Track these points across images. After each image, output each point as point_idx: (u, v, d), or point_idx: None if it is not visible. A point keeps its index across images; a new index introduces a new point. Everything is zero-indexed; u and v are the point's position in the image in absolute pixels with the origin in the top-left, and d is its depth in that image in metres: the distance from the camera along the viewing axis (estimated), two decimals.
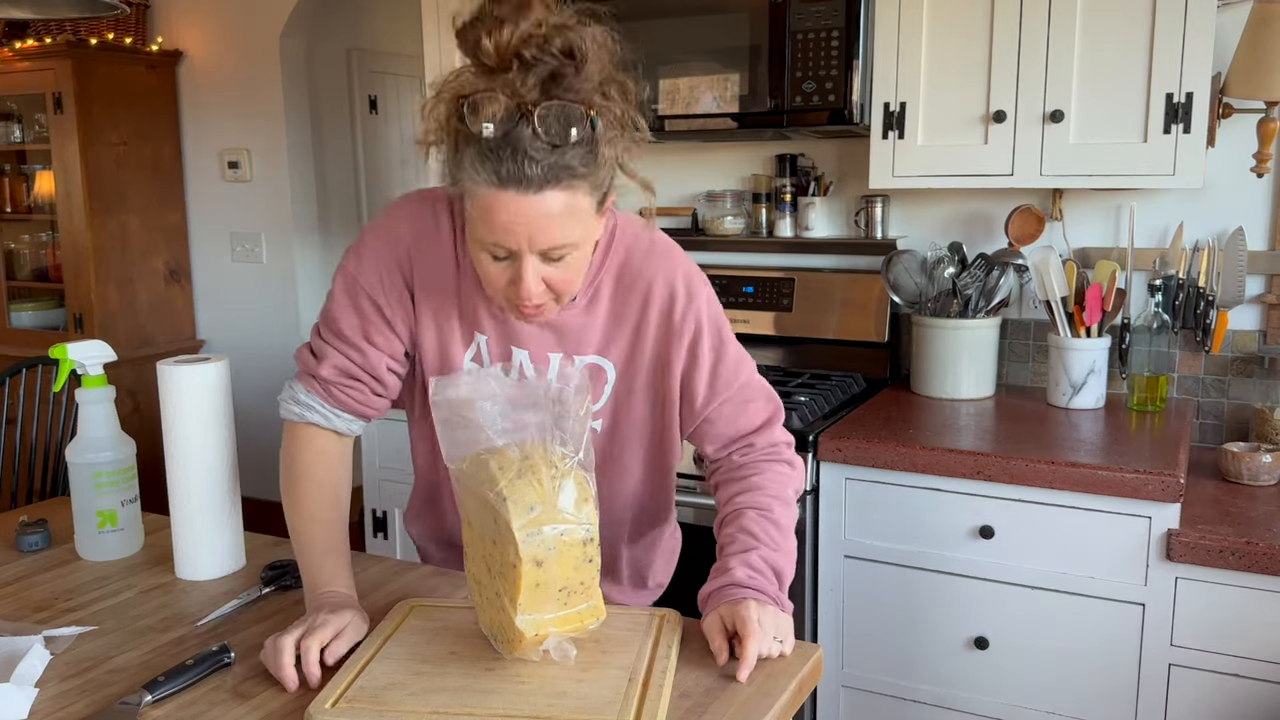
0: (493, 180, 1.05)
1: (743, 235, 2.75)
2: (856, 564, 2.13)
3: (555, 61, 1.05)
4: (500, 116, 1.04)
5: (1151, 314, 2.30)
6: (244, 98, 4.00)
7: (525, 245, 1.09)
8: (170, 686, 1.10)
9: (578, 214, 1.10)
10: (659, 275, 1.29)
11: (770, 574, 1.23)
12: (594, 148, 1.08)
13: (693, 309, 1.30)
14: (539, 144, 1.04)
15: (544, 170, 1.05)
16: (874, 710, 2.16)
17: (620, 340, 1.31)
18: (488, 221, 1.08)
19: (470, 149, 1.06)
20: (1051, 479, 1.91)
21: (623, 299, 1.29)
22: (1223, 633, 1.82)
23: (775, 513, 1.28)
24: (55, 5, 1.77)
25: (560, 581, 1.05)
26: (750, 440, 1.35)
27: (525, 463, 1.05)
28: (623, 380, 1.32)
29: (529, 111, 1.04)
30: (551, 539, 1.04)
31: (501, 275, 1.14)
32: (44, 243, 4.24)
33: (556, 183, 1.06)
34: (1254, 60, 2.02)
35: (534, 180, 1.05)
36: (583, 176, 1.08)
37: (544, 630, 1.06)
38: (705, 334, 1.31)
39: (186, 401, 1.40)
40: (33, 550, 1.55)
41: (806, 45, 2.27)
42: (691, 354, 1.31)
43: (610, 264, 1.29)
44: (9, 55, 3.83)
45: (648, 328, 1.30)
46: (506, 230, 1.08)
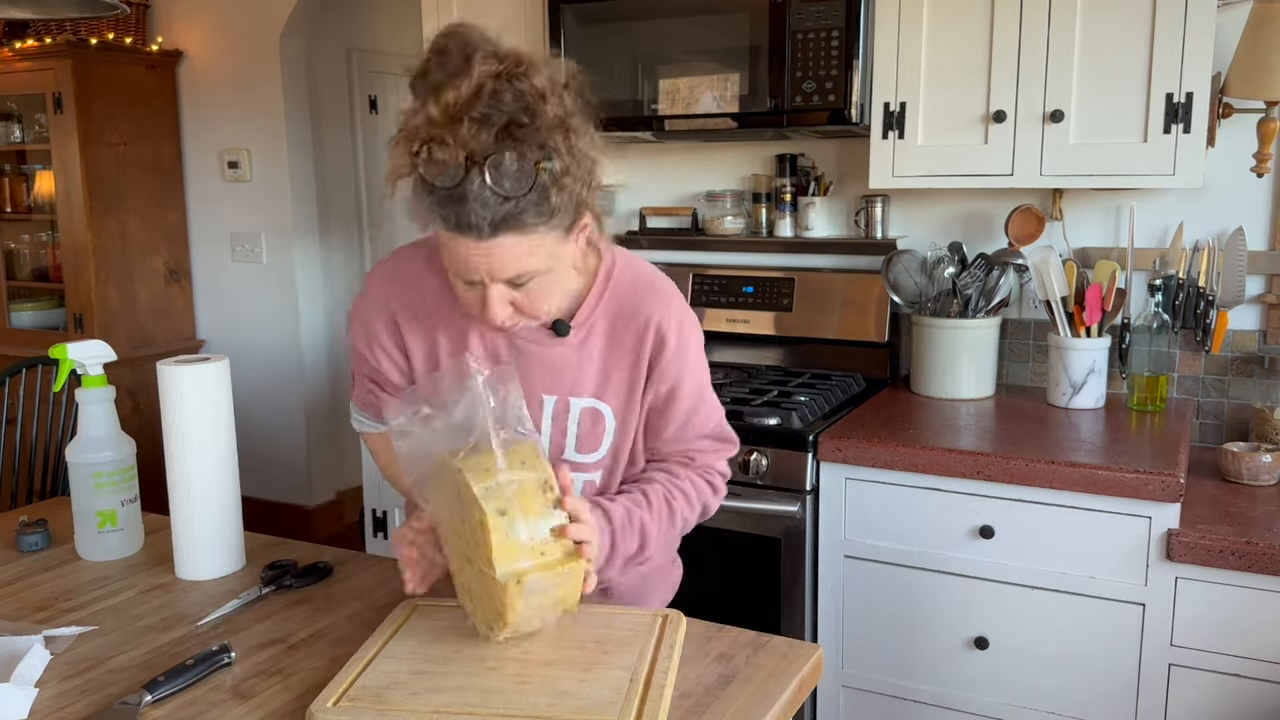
0: (448, 225, 1.09)
1: (743, 235, 2.75)
2: (856, 564, 2.13)
3: (507, 114, 1.05)
4: (451, 166, 1.05)
5: (1151, 314, 2.30)
6: (244, 98, 4.00)
7: (486, 278, 1.14)
8: (170, 686, 1.10)
9: (537, 250, 1.12)
10: (654, 316, 1.31)
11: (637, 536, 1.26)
12: (546, 193, 1.08)
13: (681, 355, 1.33)
14: (487, 195, 1.06)
15: (494, 218, 1.07)
16: (874, 710, 2.16)
17: (616, 381, 1.32)
18: (450, 254, 1.14)
19: (425, 194, 1.09)
20: (1051, 479, 1.91)
21: (618, 338, 1.31)
22: (1223, 633, 1.82)
23: (677, 502, 1.32)
24: (55, 5, 1.77)
25: (529, 532, 1.08)
26: (692, 456, 1.39)
27: (473, 448, 1.10)
28: (621, 425, 1.34)
29: (479, 163, 1.05)
30: (508, 488, 1.08)
31: (474, 298, 1.18)
32: (44, 243, 4.24)
33: (508, 229, 1.08)
34: (1254, 60, 2.02)
35: (484, 228, 1.07)
36: (533, 225, 1.09)
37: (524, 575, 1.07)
38: (686, 382, 1.34)
39: (186, 401, 1.40)
40: (33, 550, 1.55)
41: (806, 45, 2.27)
42: (671, 395, 1.33)
43: (607, 302, 1.31)
44: (9, 55, 3.83)
45: (640, 367, 1.32)
46: (467, 265, 1.13)
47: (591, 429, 1.32)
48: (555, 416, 1.31)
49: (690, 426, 1.36)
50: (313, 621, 1.30)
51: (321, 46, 4.13)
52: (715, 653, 1.19)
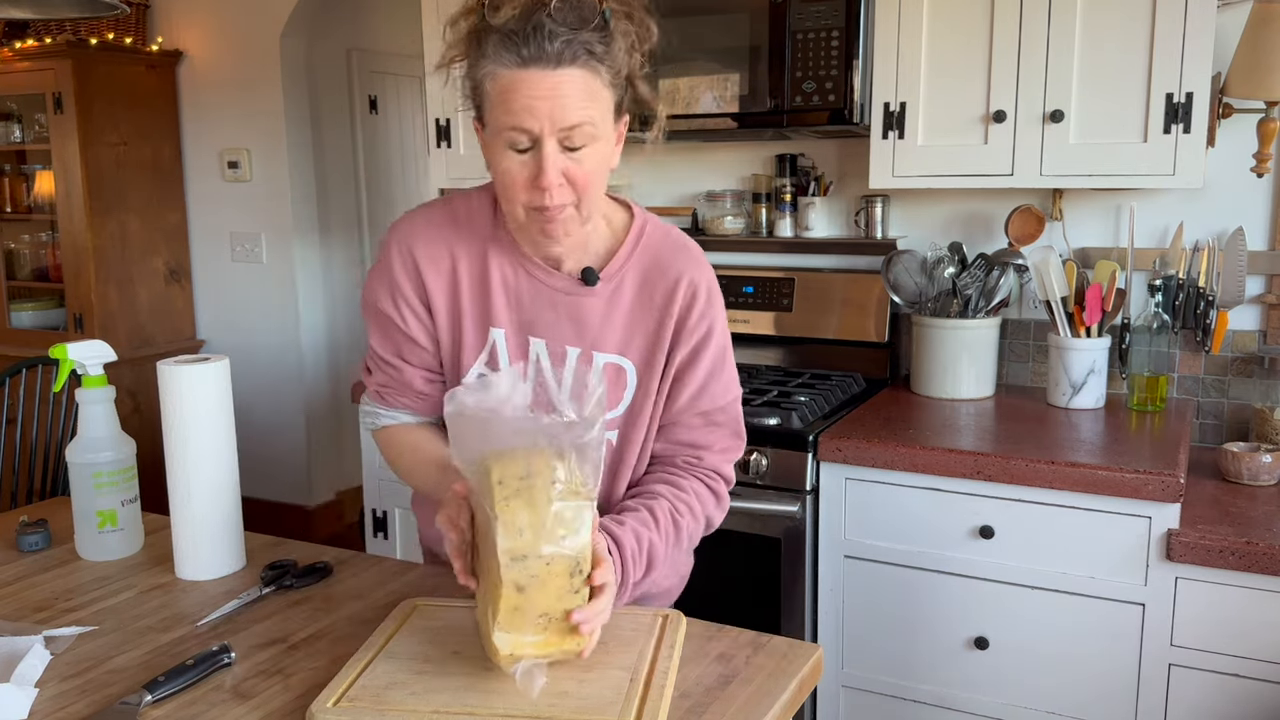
0: (516, 60, 1.11)
1: (743, 235, 2.75)
2: (856, 564, 2.13)
3: None
4: (519, 8, 1.10)
5: (1151, 314, 2.30)
6: (244, 98, 4.00)
7: (546, 125, 1.12)
8: (170, 686, 1.10)
9: (596, 97, 1.14)
10: (685, 274, 1.31)
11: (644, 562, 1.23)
12: (608, 34, 1.13)
13: (708, 316, 1.32)
14: (558, 27, 1.10)
15: (562, 46, 1.10)
16: (874, 710, 2.16)
17: (639, 338, 1.31)
18: (509, 103, 1.12)
19: (492, 38, 1.12)
20: (1051, 479, 1.91)
21: (647, 294, 1.30)
22: (1223, 633, 1.82)
23: (683, 518, 1.29)
24: (55, 5, 1.77)
25: (541, 609, 1.03)
26: (700, 454, 1.35)
27: (524, 481, 1.01)
28: (641, 384, 1.32)
29: (546, 2, 1.10)
30: (536, 567, 1.01)
31: (521, 172, 1.15)
32: (44, 243, 4.24)
33: (574, 60, 1.11)
34: (1254, 60, 2.02)
35: (553, 56, 1.10)
36: (600, 58, 1.13)
37: (520, 652, 1.03)
38: (712, 344, 1.32)
39: (187, 401, 1.40)
40: (33, 550, 1.55)
41: (806, 45, 2.27)
42: (693, 356, 1.31)
43: (637, 258, 1.30)
44: (9, 55, 3.83)
45: (667, 326, 1.30)
46: (528, 109, 1.11)
47: (613, 385, 1.30)
48: (577, 370, 1.29)
49: (706, 393, 1.32)
50: (313, 621, 1.30)
51: (321, 46, 4.13)
52: (715, 653, 1.19)
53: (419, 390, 1.36)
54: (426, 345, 1.33)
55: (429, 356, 1.34)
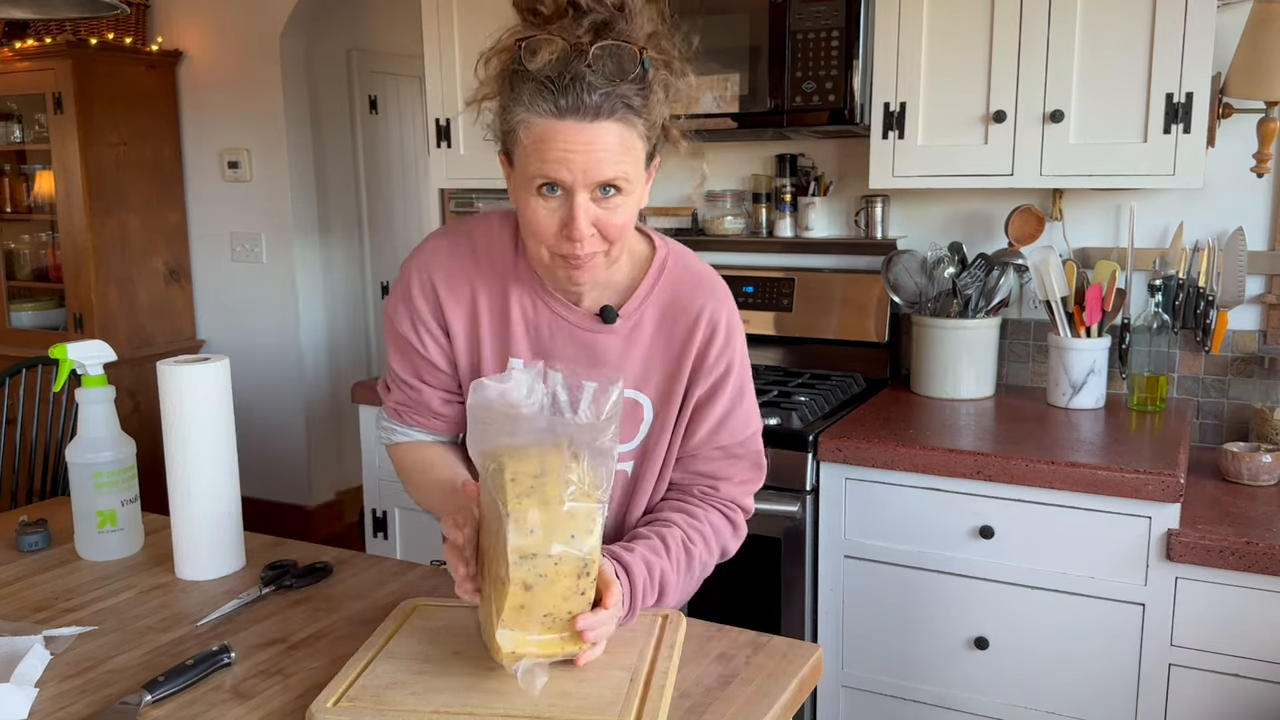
0: (551, 111, 1.08)
1: (743, 235, 2.75)
2: (856, 564, 2.13)
3: (606, 11, 1.10)
4: (557, 55, 1.08)
5: (1151, 314, 2.30)
6: (244, 98, 4.01)
7: (579, 177, 1.10)
8: (170, 686, 1.10)
9: (631, 150, 1.12)
10: (705, 310, 1.29)
11: (655, 590, 1.22)
12: (646, 87, 1.11)
13: (729, 351, 1.31)
14: (596, 79, 1.08)
15: (600, 99, 1.08)
16: (874, 710, 2.16)
17: (657, 375, 1.30)
18: (543, 154, 1.10)
19: (528, 85, 1.09)
20: (1051, 479, 1.91)
21: (666, 331, 1.29)
22: (1223, 633, 1.82)
23: (695, 547, 1.28)
24: (55, 5, 1.77)
25: (546, 609, 1.03)
26: (718, 485, 1.34)
27: (537, 480, 1.02)
28: (657, 419, 1.31)
29: (584, 49, 1.08)
30: (544, 566, 1.01)
31: (551, 218, 1.14)
32: (44, 243, 4.24)
33: (612, 113, 1.09)
34: (1254, 60, 2.02)
35: (590, 109, 1.08)
36: (637, 111, 1.11)
37: (522, 649, 1.04)
38: (731, 380, 1.31)
39: (186, 401, 1.40)
40: (33, 550, 1.55)
41: (806, 45, 2.27)
42: (713, 392, 1.30)
43: (658, 295, 1.29)
44: (9, 55, 3.83)
45: (685, 363, 1.29)
46: (562, 161, 1.09)
47: (628, 420, 1.29)
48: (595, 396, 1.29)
49: (725, 427, 1.32)
50: (313, 621, 1.30)
51: (321, 46, 4.13)
52: (715, 653, 1.19)
53: (436, 410, 1.36)
54: (445, 369, 1.33)
55: (447, 379, 1.34)
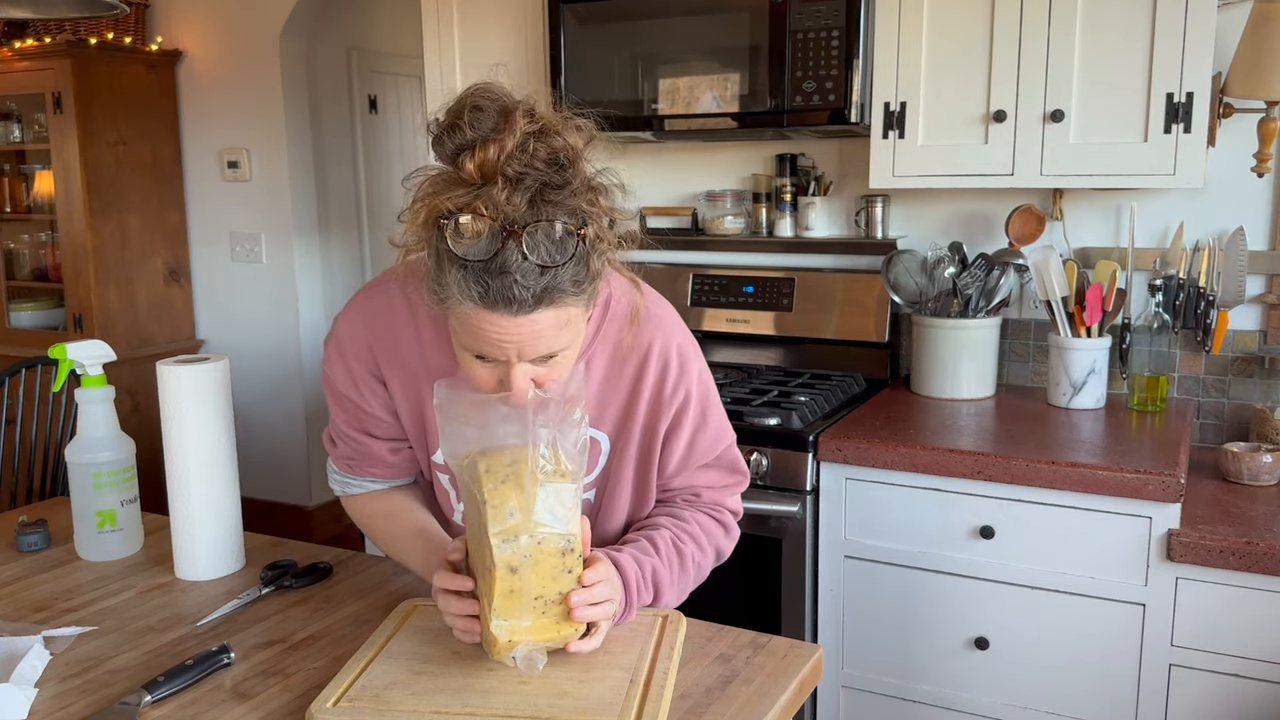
0: (479, 303, 1.01)
1: (743, 235, 2.75)
2: (856, 564, 2.13)
3: (542, 175, 1.01)
4: (485, 237, 0.98)
5: (1152, 314, 2.30)
6: (244, 98, 4.00)
7: (514, 356, 1.06)
8: (170, 686, 1.10)
9: (569, 324, 1.07)
10: (655, 346, 1.27)
11: (650, 588, 1.22)
12: (585, 261, 1.03)
13: (684, 381, 1.28)
14: (528, 266, 0.99)
15: (534, 293, 1.00)
16: (874, 710, 2.16)
17: (612, 411, 1.28)
18: (474, 335, 1.05)
19: (454, 269, 1.00)
20: (1052, 479, 1.91)
21: (617, 370, 1.27)
22: (1223, 633, 1.82)
23: (686, 546, 1.28)
24: (55, 5, 1.77)
25: (535, 590, 1.04)
26: (699, 491, 1.35)
27: (512, 468, 1.04)
28: (615, 452, 1.31)
29: (516, 232, 0.98)
30: (527, 547, 1.03)
31: (490, 377, 1.10)
32: (44, 243, 4.24)
33: (548, 303, 1.02)
34: (1254, 60, 2.02)
35: (524, 303, 1.00)
36: (572, 296, 1.03)
37: (517, 637, 1.05)
38: (692, 405, 1.30)
39: (186, 401, 1.40)
40: (32, 550, 1.55)
41: (806, 45, 2.27)
42: (676, 422, 1.30)
43: (605, 335, 1.26)
44: (9, 55, 3.83)
45: (641, 398, 1.27)
46: (495, 345, 1.04)
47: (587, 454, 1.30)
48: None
49: (695, 450, 1.31)
50: (313, 621, 1.30)
51: (321, 46, 4.13)
52: (715, 653, 1.19)
53: (386, 461, 1.34)
54: (390, 420, 1.30)
55: (393, 428, 1.31)
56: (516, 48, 2.65)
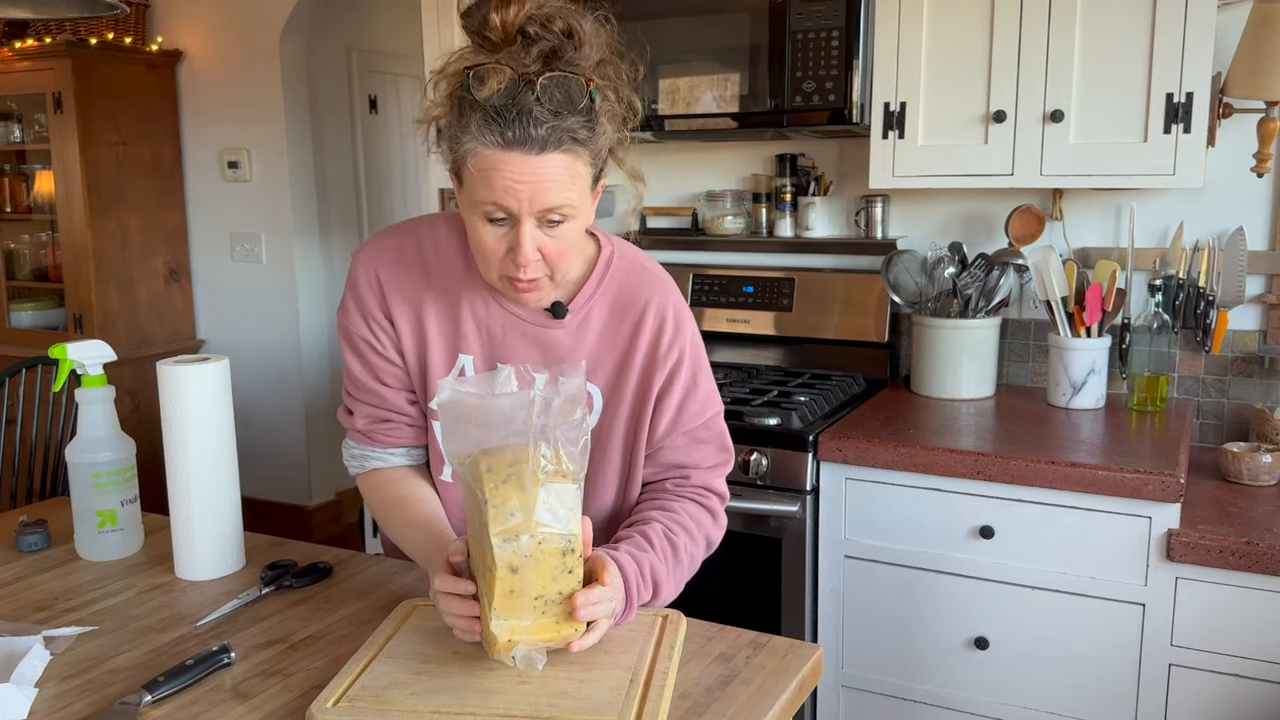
0: (498, 142, 1.09)
1: (743, 235, 2.75)
2: (856, 564, 2.13)
3: (555, 39, 1.11)
4: (505, 85, 1.09)
5: (1151, 314, 2.30)
6: (244, 98, 4.00)
7: (525, 206, 1.12)
8: (170, 686, 1.10)
9: (576, 179, 1.13)
10: (652, 303, 1.31)
11: (649, 584, 1.23)
12: (593, 118, 1.13)
13: (679, 340, 1.32)
14: (542, 110, 1.09)
15: (547, 132, 1.09)
16: (874, 710, 2.16)
17: (607, 365, 1.31)
18: (489, 183, 1.11)
19: (476, 114, 1.10)
20: (1051, 479, 1.91)
21: (615, 325, 1.31)
22: (1223, 633, 1.82)
23: (679, 537, 1.29)
24: (55, 5, 1.77)
25: (536, 590, 1.04)
26: (688, 473, 1.35)
27: (513, 468, 1.04)
28: (608, 407, 1.33)
29: (532, 80, 1.09)
30: (528, 547, 1.03)
31: (499, 243, 1.16)
32: (44, 243, 4.24)
33: (559, 145, 1.10)
34: (1254, 60, 2.02)
35: (537, 141, 1.09)
36: (583, 143, 1.12)
37: (517, 637, 1.05)
38: (685, 366, 1.33)
39: (186, 401, 1.40)
40: (32, 550, 1.55)
41: (806, 45, 2.27)
42: (668, 382, 1.32)
43: (605, 289, 1.31)
44: (9, 55, 3.83)
45: (636, 354, 1.31)
46: (508, 191, 1.11)
47: None
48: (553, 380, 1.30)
49: (686, 413, 1.33)
50: (313, 621, 1.30)
51: (321, 46, 4.13)
52: (715, 653, 1.19)
53: (405, 412, 1.35)
54: (400, 365, 1.33)
55: (405, 377, 1.34)
56: None
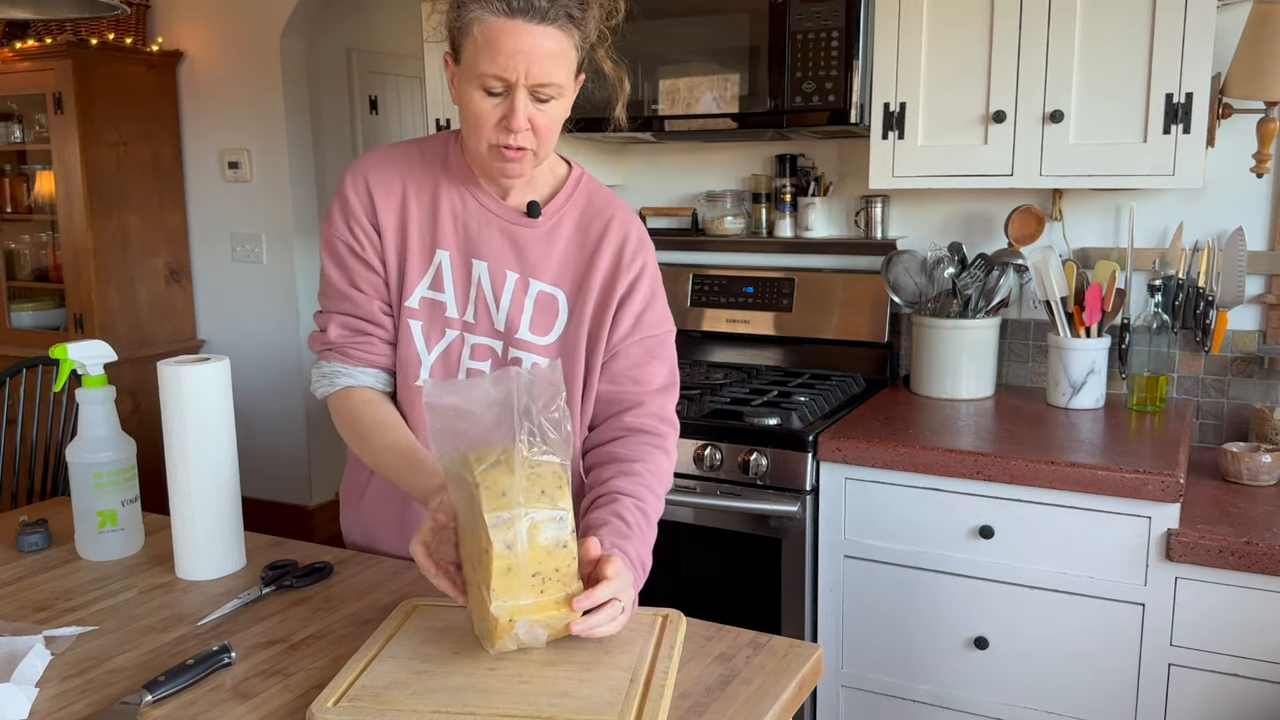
0: (504, 10, 1.20)
1: (743, 235, 2.75)
2: (856, 564, 2.13)
3: None
4: None
5: (1151, 314, 2.30)
6: (244, 98, 4.01)
7: (522, 75, 1.22)
8: (170, 686, 1.10)
9: (566, 58, 1.24)
10: (617, 217, 1.42)
11: (639, 570, 1.25)
12: (586, 3, 1.24)
13: (642, 252, 1.42)
14: None
15: (548, 4, 1.20)
16: (874, 710, 2.16)
17: (572, 272, 1.40)
18: (491, 50, 1.21)
19: None
20: (1051, 479, 1.91)
21: (582, 233, 1.41)
22: (1223, 633, 1.83)
23: (648, 504, 1.33)
24: (55, 5, 1.77)
25: (533, 567, 1.07)
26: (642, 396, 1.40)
27: (502, 455, 1.08)
28: (573, 312, 1.40)
29: None
30: (522, 525, 1.06)
31: (493, 112, 1.25)
32: (44, 243, 4.24)
33: (556, 19, 1.21)
34: (1254, 60, 2.02)
35: (538, 11, 1.20)
36: (575, 21, 1.23)
37: (517, 616, 1.07)
38: (646, 277, 1.42)
39: (187, 401, 1.40)
40: (33, 550, 1.55)
41: (806, 45, 2.27)
42: (630, 289, 1.40)
43: (575, 201, 1.42)
44: (9, 55, 3.83)
45: (601, 260, 1.39)
46: (509, 58, 1.21)
47: (546, 311, 1.39)
48: (514, 293, 1.38)
49: (643, 323, 1.40)
50: (313, 621, 1.30)
51: (321, 46, 4.13)
52: (715, 653, 1.19)
53: (378, 321, 1.39)
54: (379, 272, 1.39)
55: (382, 286, 1.39)
56: None
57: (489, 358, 1.39)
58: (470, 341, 1.39)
